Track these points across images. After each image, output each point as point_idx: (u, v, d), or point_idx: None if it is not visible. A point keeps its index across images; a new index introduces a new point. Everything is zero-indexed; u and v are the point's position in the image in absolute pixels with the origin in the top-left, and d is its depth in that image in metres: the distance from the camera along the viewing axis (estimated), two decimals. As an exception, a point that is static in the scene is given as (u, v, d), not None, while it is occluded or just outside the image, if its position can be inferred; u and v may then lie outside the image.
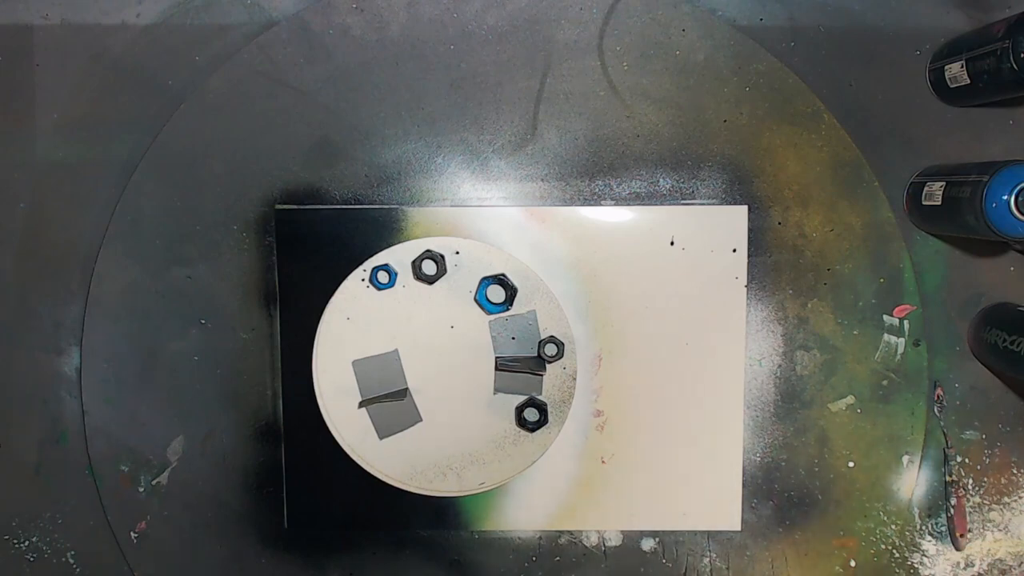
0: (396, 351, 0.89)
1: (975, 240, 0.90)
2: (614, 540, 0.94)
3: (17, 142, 0.89)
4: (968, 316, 0.91)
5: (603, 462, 0.92)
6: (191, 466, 0.93)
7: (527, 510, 0.92)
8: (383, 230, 0.89)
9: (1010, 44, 0.74)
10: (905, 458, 0.93)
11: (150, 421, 0.92)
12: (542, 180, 0.91)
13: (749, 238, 0.90)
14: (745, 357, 0.91)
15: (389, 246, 0.88)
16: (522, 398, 0.89)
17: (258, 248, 0.91)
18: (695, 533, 0.94)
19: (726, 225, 0.89)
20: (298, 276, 0.90)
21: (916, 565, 0.94)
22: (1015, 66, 0.74)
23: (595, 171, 0.90)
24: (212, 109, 0.89)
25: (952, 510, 0.92)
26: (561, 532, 0.94)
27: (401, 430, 0.89)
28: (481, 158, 0.90)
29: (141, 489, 0.93)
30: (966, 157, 0.89)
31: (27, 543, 0.93)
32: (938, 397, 0.92)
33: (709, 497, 0.92)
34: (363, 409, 0.88)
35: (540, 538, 0.94)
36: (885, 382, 0.92)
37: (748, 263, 0.90)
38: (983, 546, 0.94)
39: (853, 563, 0.94)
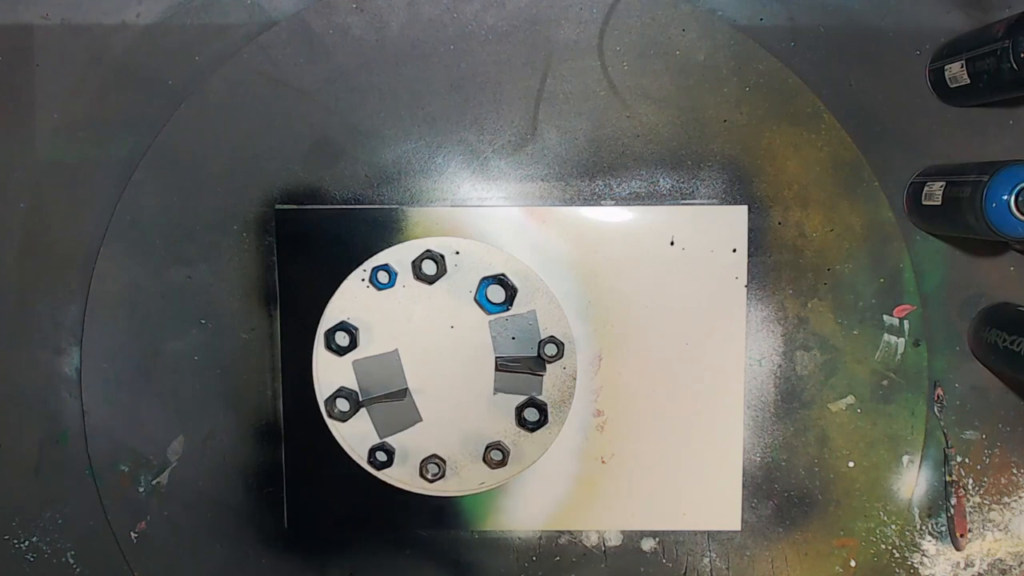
0: (396, 351, 0.89)
1: (975, 240, 0.90)
2: (614, 540, 0.94)
3: (17, 142, 0.89)
4: (968, 316, 0.91)
5: (603, 462, 0.92)
6: (191, 466, 0.93)
7: (527, 510, 0.92)
8: (383, 230, 0.89)
9: (1010, 44, 0.74)
10: (905, 458, 0.93)
11: (150, 421, 0.92)
12: (542, 180, 0.91)
13: (749, 238, 0.90)
14: (745, 357, 0.91)
15: (389, 246, 0.88)
16: (522, 398, 0.89)
17: (258, 248, 0.91)
18: (695, 533, 0.94)
19: (726, 225, 0.89)
20: (298, 276, 0.90)
21: (916, 565, 0.94)
22: (1015, 66, 0.74)
23: (595, 171, 0.90)
24: (212, 109, 0.89)
25: (952, 510, 0.92)
26: (561, 532, 0.94)
27: (401, 430, 0.89)
28: (481, 158, 0.90)
29: (141, 489, 0.93)
30: (966, 157, 0.89)
31: (27, 543, 0.93)
32: (938, 397, 0.92)
33: (709, 497, 0.92)
34: (363, 409, 0.88)
35: (540, 538, 0.94)
36: (885, 382, 0.92)
37: (748, 263, 0.90)
38: (983, 546, 0.94)
39: (853, 563, 0.94)
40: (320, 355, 0.88)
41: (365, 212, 0.89)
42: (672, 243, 0.89)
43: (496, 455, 0.88)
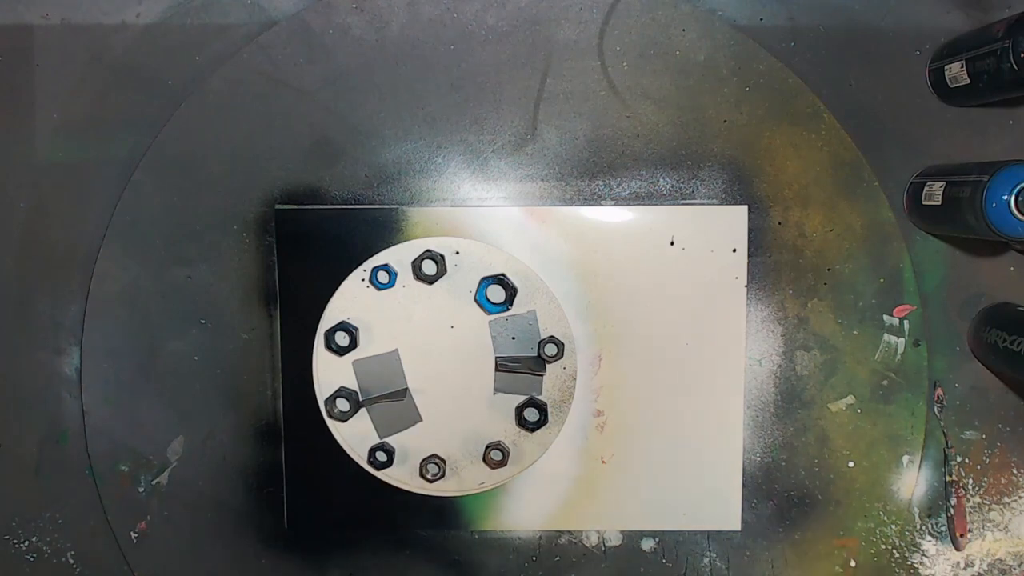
0: (396, 351, 0.89)
1: (975, 240, 0.90)
2: (614, 540, 0.94)
3: (17, 142, 0.89)
4: (968, 316, 0.91)
5: (603, 462, 0.92)
6: (191, 466, 0.93)
7: (527, 510, 0.92)
8: (383, 230, 0.89)
9: (1010, 44, 0.74)
10: (905, 458, 0.93)
11: (150, 421, 0.92)
12: (542, 180, 0.91)
13: (749, 238, 0.90)
14: (745, 357, 0.91)
15: (389, 246, 0.88)
16: (522, 398, 0.89)
17: (258, 248, 0.91)
18: (695, 533, 0.94)
19: (726, 225, 0.89)
20: (298, 276, 0.90)
21: (916, 565, 0.94)
22: (1015, 66, 0.74)
23: (595, 171, 0.90)
24: (212, 109, 0.89)
25: (952, 510, 0.92)
26: (561, 532, 0.94)
27: (401, 430, 0.89)
28: (481, 158, 0.90)
29: (141, 489, 0.93)
30: (966, 157, 0.89)
31: (27, 543, 0.93)
32: (938, 397, 0.92)
33: (709, 497, 0.92)
34: (363, 409, 0.88)
35: (540, 538, 0.94)
36: (885, 382, 0.92)
37: (748, 263, 0.90)
38: (983, 546, 0.94)
39: (853, 563, 0.94)
40: (320, 355, 0.88)
41: (365, 212, 0.89)
42: (672, 243, 0.89)
43: (496, 455, 0.88)
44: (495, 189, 0.91)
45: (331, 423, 0.88)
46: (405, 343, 0.88)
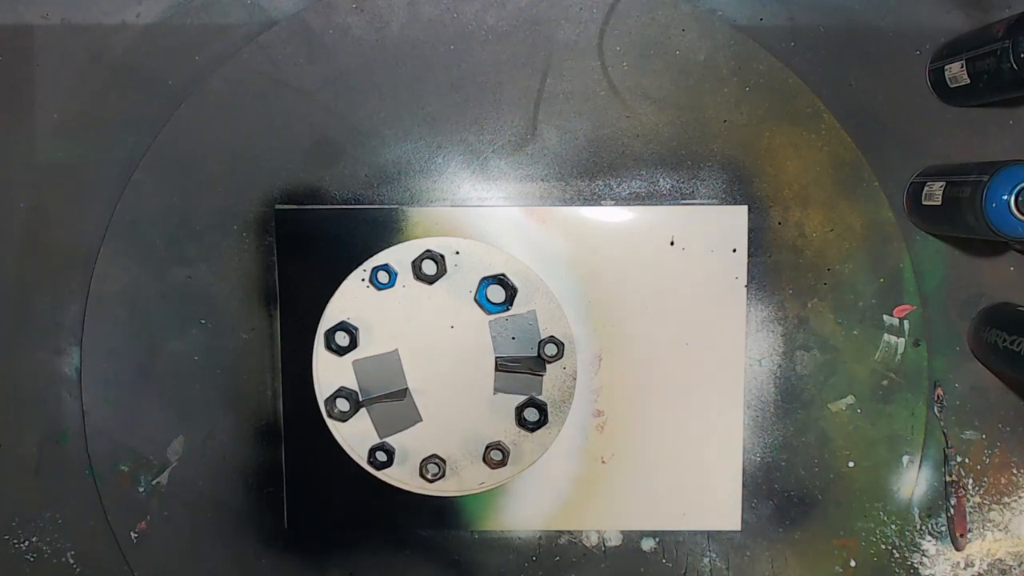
0: (396, 351, 0.89)
1: (975, 240, 0.90)
2: (614, 540, 0.94)
3: (17, 142, 0.89)
4: (968, 316, 0.91)
5: (603, 462, 0.92)
6: (191, 466, 0.93)
7: (527, 510, 0.92)
8: (383, 230, 0.89)
9: (1010, 44, 0.74)
10: (905, 458, 0.93)
11: (150, 421, 0.92)
12: (542, 180, 0.91)
13: (749, 238, 0.90)
14: (745, 357, 0.91)
15: (389, 246, 0.88)
16: (522, 398, 0.89)
17: (258, 248, 0.91)
18: (695, 533, 0.94)
19: (726, 225, 0.89)
20: (298, 276, 0.90)
21: (916, 565, 0.94)
22: (1015, 66, 0.74)
23: (595, 171, 0.90)
24: (212, 109, 0.89)
25: (952, 510, 0.92)
26: (561, 532, 0.94)
27: (401, 430, 0.89)
28: (481, 158, 0.90)
29: (141, 489, 0.93)
30: (966, 157, 0.89)
31: (27, 543, 0.93)
32: (938, 397, 0.92)
33: (709, 497, 0.92)
34: (363, 409, 0.88)
35: (540, 538, 0.94)
36: (885, 382, 0.92)
37: (748, 263, 0.90)
38: (983, 546, 0.94)
39: (853, 563, 0.94)
40: (320, 355, 0.88)
41: (365, 212, 0.89)
42: (672, 243, 0.89)
43: (496, 455, 0.88)
44: (495, 189, 0.91)
45: (331, 423, 0.88)
46: (405, 343, 0.88)
